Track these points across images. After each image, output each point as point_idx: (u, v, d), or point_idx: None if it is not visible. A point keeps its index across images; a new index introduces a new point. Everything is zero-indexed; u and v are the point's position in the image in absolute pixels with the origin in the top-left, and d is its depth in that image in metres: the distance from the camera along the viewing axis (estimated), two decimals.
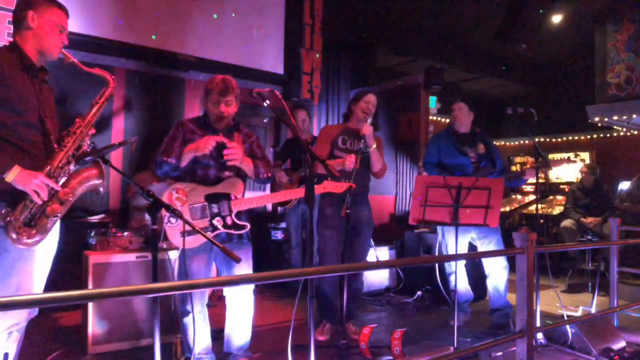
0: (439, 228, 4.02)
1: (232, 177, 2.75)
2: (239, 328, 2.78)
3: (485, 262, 3.93)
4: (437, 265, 4.35)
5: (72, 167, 2.20)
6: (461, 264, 3.93)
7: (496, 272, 3.84)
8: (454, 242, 3.65)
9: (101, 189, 2.25)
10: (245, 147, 2.83)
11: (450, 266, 3.97)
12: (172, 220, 2.60)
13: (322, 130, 3.80)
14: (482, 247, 3.89)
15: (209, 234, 2.57)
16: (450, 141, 3.98)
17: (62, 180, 2.16)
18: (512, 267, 3.62)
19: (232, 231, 2.68)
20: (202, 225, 2.62)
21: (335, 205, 3.49)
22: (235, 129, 2.84)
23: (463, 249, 3.88)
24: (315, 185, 2.48)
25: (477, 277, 4.33)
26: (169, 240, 2.65)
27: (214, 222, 2.64)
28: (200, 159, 2.71)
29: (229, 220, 2.66)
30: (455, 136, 4.00)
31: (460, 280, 3.89)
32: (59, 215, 2.12)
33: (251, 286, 2.79)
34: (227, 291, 2.79)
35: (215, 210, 2.65)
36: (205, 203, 2.65)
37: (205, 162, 2.73)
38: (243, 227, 2.69)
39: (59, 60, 2.26)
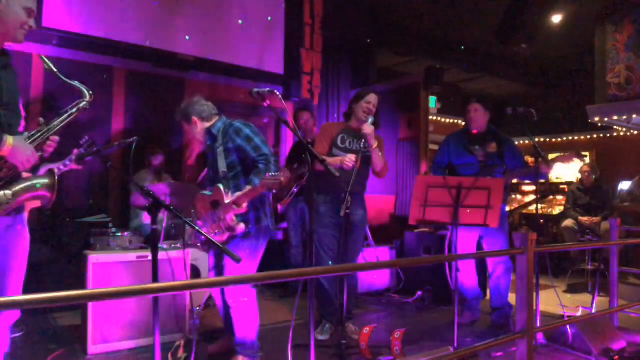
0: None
1: (218, 184, 2.80)
2: (234, 324, 2.84)
3: (490, 261, 3.91)
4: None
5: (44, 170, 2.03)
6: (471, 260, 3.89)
7: (499, 272, 3.83)
8: (462, 237, 3.68)
9: (46, 203, 2.02)
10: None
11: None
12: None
13: (322, 128, 3.75)
14: (487, 247, 3.87)
15: (216, 237, 2.74)
16: (461, 141, 3.93)
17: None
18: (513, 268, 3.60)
19: (230, 233, 2.75)
20: (215, 228, 2.80)
21: (330, 204, 3.49)
22: None
23: (472, 244, 3.86)
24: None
25: (483, 276, 4.35)
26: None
27: (220, 225, 2.75)
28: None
29: (223, 225, 2.74)
30: (467, 136, 3.94)
31: (467, 276, 3.90)
32: None
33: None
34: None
35: (217, 215, 2.76)
36: (212, 209, 2.80)
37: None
38: (234, 228, 2.73)
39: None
